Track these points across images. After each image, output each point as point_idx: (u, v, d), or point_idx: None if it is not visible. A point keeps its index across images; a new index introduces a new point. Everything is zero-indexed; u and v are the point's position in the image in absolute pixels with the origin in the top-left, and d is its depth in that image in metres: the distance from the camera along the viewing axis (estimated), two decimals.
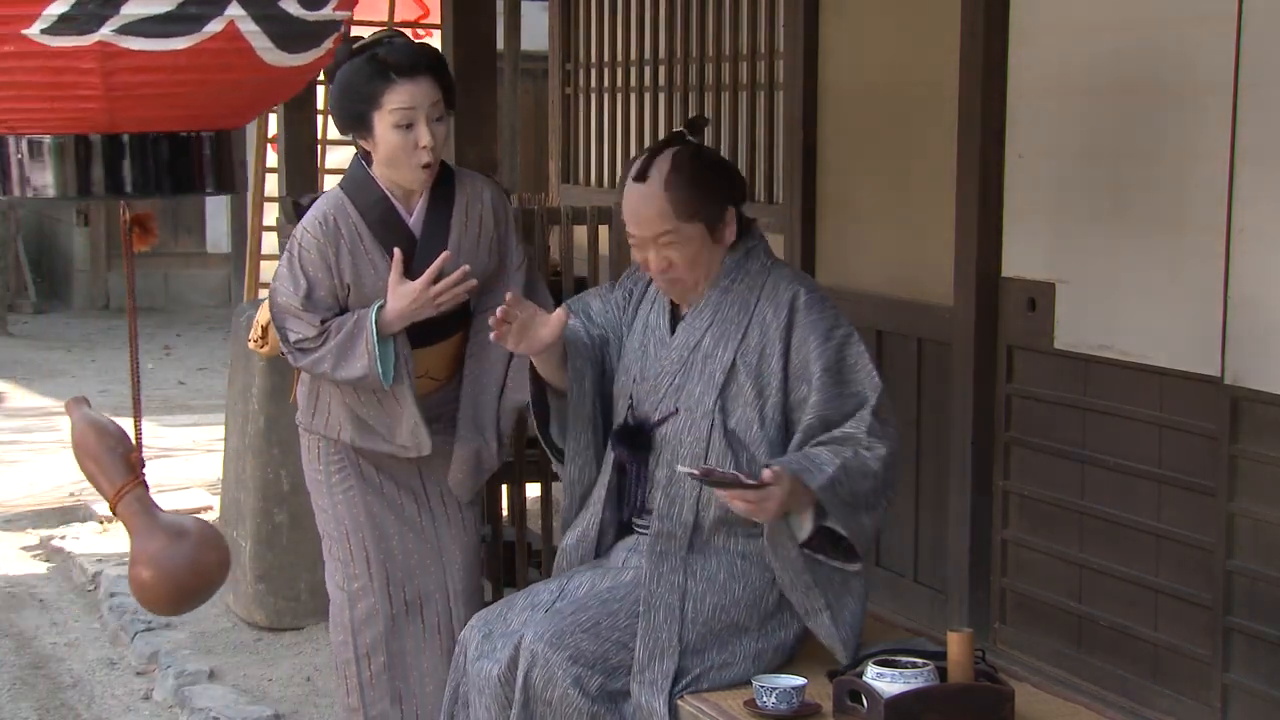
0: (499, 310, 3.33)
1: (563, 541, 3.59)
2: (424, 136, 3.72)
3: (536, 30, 9.33)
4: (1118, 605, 4.21)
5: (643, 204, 3.38)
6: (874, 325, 4.87)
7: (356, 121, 3.76)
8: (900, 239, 4.96)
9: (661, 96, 6.47)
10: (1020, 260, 4.47)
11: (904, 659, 3.08)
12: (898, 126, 4.96)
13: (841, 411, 3.32)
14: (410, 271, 3.77)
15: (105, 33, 2.86)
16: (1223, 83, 3.78)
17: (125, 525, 3.32)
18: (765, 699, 3.09)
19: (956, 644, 3.06)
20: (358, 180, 3.84)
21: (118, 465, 3.34)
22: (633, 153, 6.70)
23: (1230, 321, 3.79)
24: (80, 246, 15.25)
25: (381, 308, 3.74)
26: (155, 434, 9.22)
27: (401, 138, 3.72)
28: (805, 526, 3.25)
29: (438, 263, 3.74)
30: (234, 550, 5.58)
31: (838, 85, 5.25)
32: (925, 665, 3.04)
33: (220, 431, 6.25)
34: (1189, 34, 3.90)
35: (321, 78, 3.88)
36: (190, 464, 8.36)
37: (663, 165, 3.38)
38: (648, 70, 6.58)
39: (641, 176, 3.39)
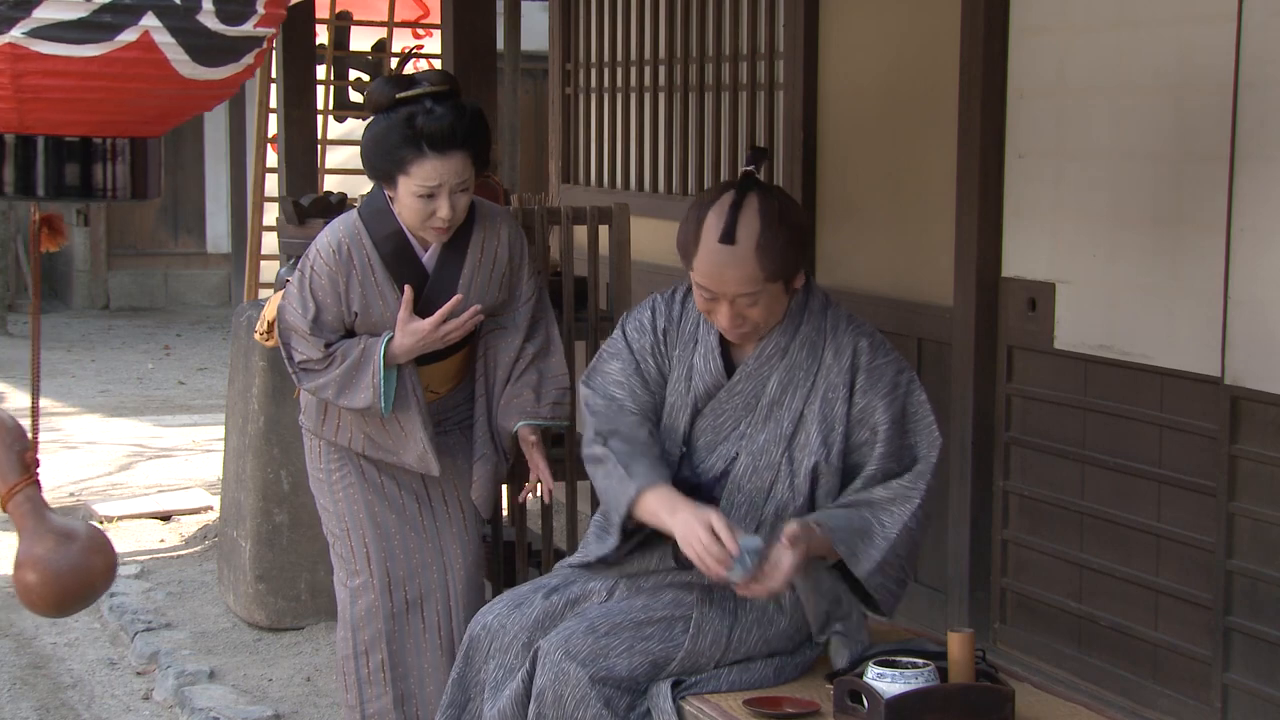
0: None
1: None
2: (443, 209, 3.70)
3: (536, 30, 9.34)
4: (1118, 605, 4.21)
5: (729, 267, 3.14)
6: (874, 325, 4.86)
7: (382, 175, 3.76)
8: (900, 239, 4.96)
9: (661, 96, 6.46)
10: (1020, 260, 4.47)
11: (904, 659, 3.08)
12: (898, 126, 4.96)
13: (900, 463, 3.27)
14: (420, 302, 3.78)
15: (15, 35, 2.87)
16: (1223, 83, 3.78)
17: (15, 525, 3.24)
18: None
19: (957, 644, 3.05)
20: (377, 210, 3.83)
21: (13, 463, 3.24)
22: (633, 153, 6.72)
23: (1230, 321, 3.79)
24: (80, 246, 15.23)
25: (390, 340, 3.76)
26: (155, 434, 9.22)
27: (421, 205, 3.71)
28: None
29: (448, 306, 3.76)
30: (234, 550, 5.59)
31: (838, 85, 5.25)
32: (926, 665, 3.04)
33: (220, 431, 6.24)
34: (1189, 34, 3.90)
35: (368, 119, 3.84)
36: (190, 464, 8.35)
37: (750, 224, 3.13)
38: (648, 70, 6.58)
39: (729, 238, 3.12)
